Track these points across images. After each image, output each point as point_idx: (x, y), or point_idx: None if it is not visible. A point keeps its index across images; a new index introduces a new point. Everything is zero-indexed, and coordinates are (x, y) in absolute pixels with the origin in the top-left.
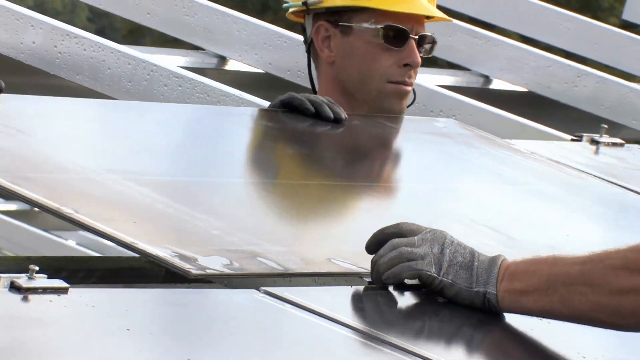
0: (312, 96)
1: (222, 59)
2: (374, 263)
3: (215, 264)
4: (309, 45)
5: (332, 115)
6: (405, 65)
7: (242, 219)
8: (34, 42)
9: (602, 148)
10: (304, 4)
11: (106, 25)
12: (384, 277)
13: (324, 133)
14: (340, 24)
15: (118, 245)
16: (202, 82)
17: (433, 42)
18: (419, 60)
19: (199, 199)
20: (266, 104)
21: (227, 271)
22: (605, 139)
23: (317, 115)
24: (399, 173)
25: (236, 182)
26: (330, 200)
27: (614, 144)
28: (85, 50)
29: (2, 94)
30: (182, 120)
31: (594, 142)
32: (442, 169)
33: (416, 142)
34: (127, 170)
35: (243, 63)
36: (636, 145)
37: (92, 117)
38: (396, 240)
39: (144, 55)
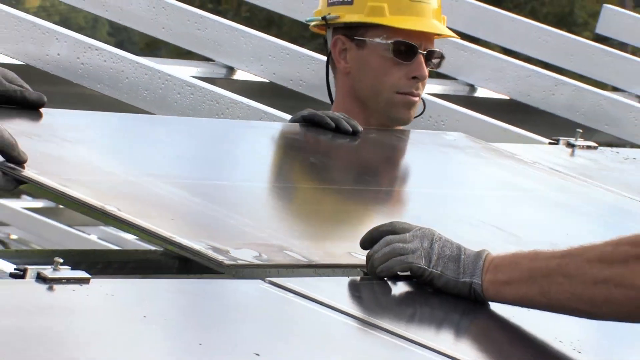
0: (329, 113)
1: (231, 70)
2: (369, 257)
3: (246, 256)
4: (328, 56)
5: (350, 129)
6: (414, 77)
7: (269, 217)
8: (59, 54)
9: (577, 151)
10: (324, 19)
11: (125, 38)
12: (378, 271)
13: (343, 144)
14: (355, 38)
15: (158, 239)
16: (212, 91)
17: (441, 57)
18: (426, 73)
19: (230, 200)
20: (271, 110)
21: (256, 262)
22: (580, 142)
23: (337, 129)
24: (412, 179)
25: (264, 186)
26: (349, 203)
27: (588, 147)
28: (105, 61)
29: (49, 109)
30: (214, 132)
31: (570, 145)
32: (453, 176)
33: (428, 152)
34: (164, 175)
35: (249, 73)
36: (608, 148)
37: (130, 129)
38: (389, 237)
39: (159, 66)
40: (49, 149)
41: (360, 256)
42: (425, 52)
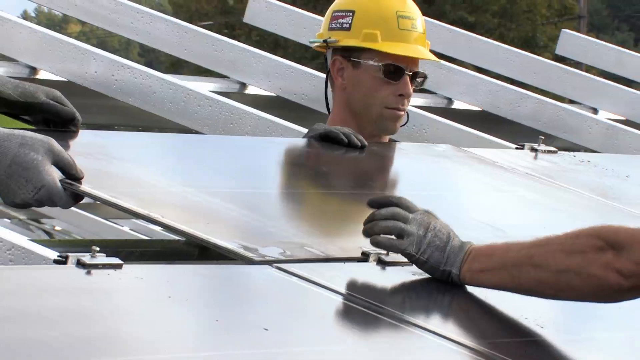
0: (341, 129)
1: (243, 85)
2: (371, 216)
3: (273, 253)
4: (327, 74)
5: (359, 144)
6: (400, 95)
7: (291, 219)
8: (95, 72)
9: (540, 155)
10: (325, 41)
11: (153, 58)
12: (375, 242)
13: (353, 156)
14: (351, 59)
15: (195, 240)
16: (227, 103)
17: (424, 77)
18: (411, 91)
19: (257, 205)
20: (278, 120)
21: (281, 257)
22: (542, 147)
23: (348, 144)
24: (410, 184)
25: (286, 193)
26: (360, 205)
27: (549, 151)
28: (136, 78)
29: (102, 131)
30: (241, 148)
31: (533, 150)
32: (444, 181)
33: (423, 162)
34: (199, 185)
35: (259, 88)
36: (566, 152)
37: (169, 147)
38: (397, 211)
39: (182, 82)
40: (100, 166)
41: (370, 252)
42: (410, 73)
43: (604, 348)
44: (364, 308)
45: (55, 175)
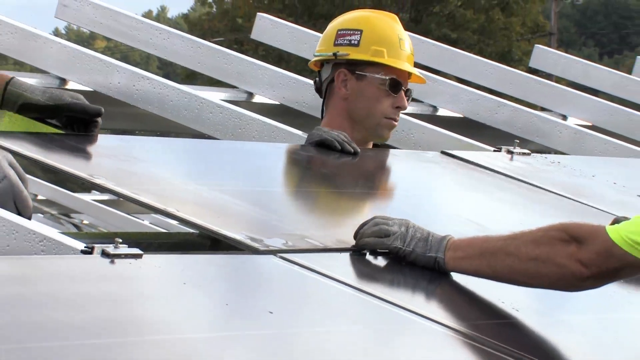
0: (336, 136)
1: (250, 94)
2: (359, 230)
3: (276, 243)
4: (327, 84)
5: (352, 150)
6: (397, 107)
7: (293, 214)
8: (119, 82)
9: (515, 156)
10: (334, 54)
11: (170, 71)
12: (364, 243)
13: (347, 161)
14: (356, 72)
15: (208, 232)
16: (236, 111)
17: (411, 94)
18: (407, 105)
19: (262, 201)
20: (281, 126)
21: (284, 248)
22: (517, 150)
23: (342, 150)
24: (402, 186)
25: (288, 191)
26: (355, 202)
27: (524, 154)
28: (154, 88)
29: (125, 136)
30: (249, 152)
31: (509, 152)
32: (433, 183)
33: (413, 166)
34: (211, 184)
35: (265, 97)
36: (539, 154)
37: (185, 150)
38: (378, 220)
39: (196, 91)
40: (123, 166)
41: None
42: (405, 89)
43: (575, 329)
44: (359, 293)
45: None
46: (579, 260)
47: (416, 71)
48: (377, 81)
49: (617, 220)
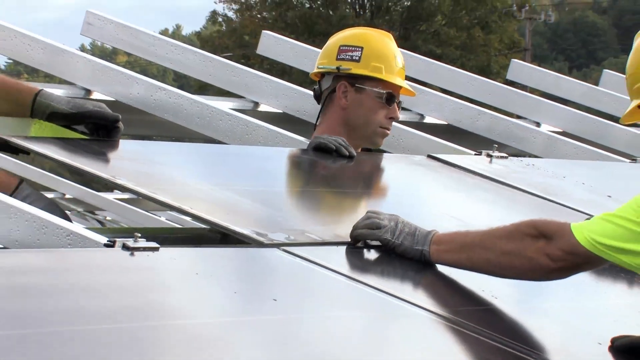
0: (334, 141)
1: (256, 104)
2: (354, 225)
3: (279, 237)
4: (328, 94)
5: (347, 154)
6: (391, 118)
7: (295, 211)
8: (138, 93)
9: (494, 160)
10: (337, 68)
11: (184, 83)
12: (357, 234)
13: (344, 164)
14: (356, 85)
15: (218, 227)
16: (244, 118)
17: (401, 104)
18: (399, 116)
19: (267, 199)
20: (284, 132)
21: (286, 242)
22: (496, 153)
23: (338, 154)
24: (393, 186)
25: (291, 190)
26: (351, 200)
27: (501, 157)
28: (170, 98)
29: (143, 141)
30: (256, 156)
31: (489, 155)
32: (421, 183)
33: (403, 168)
34: (221, 184)
35: (269, 106)
36: (515, 158)
37: (198, 154)
38: (371, 214)
39: (207, 101)
40: (142, 168)
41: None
42: (398, 101)
43: (547, 314)
44: (354, 282)
45: None
46: (546, 254)
47: (407, 85)
48: (375, 94)
49: (588, 219)
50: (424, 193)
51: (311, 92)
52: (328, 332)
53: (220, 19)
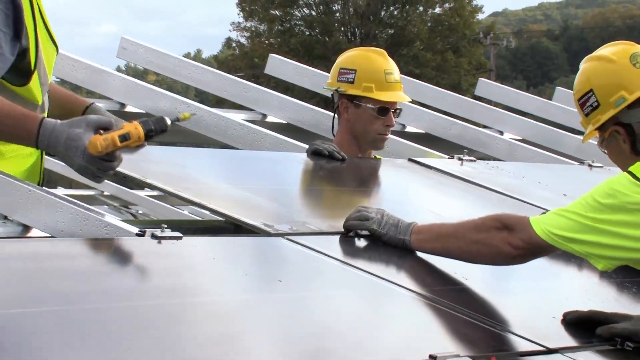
0: (328, 147)
1: (264, 115)
2: (346, 217)
3: (283, 228)
4: (336, 108)
5: (340, 157)
6: (387, 125)
7: (298, 205)
8: (164, 106)
9: (464, 162)
10: (337, 90)
11: (204, 98)
12: (348, 225)
13: (337, 165)
14: (354, 102)
15: (232, 221)
16: (254, 128)
17: (400, 111)
18: (394, 123)
19: (274, 196)
20: (287, 139)
21: (290, 231)
22: (466, 157)
23: (332, 157)
24: (380, 184)
25: (294, 188)
26: (344, 197)
27: (471, 160)
28: (191, 110)
29: (168, 147)
30: (263, 160)
31: (460, 159)
32: (402, 183)
33: (388, 170)
34: (235, 183)
35: (275, 117)
36: (482, 161)
37: (216, 158)
38: (361, 208)
39: (223, 113)
40: (168, 170)
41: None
42: (393, 110)
43: (510, 293)
44: (346, 266)
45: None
46: (509, 243)
47: (399, 95)
48: (369, 109)
49: (544, 213)
50: (405, 191)
51: (310, 106)
52: (325, 307)
53: (234, 45)
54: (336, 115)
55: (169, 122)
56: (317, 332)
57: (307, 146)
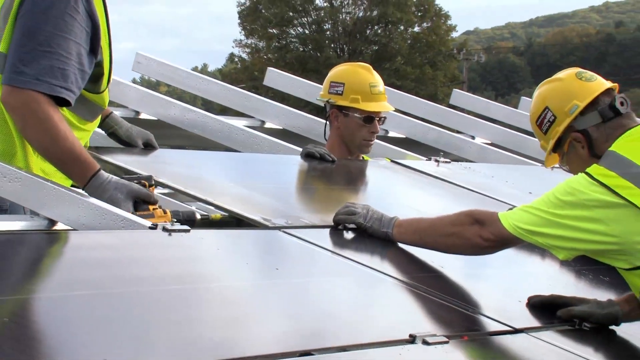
0: (319, 150)
1: (263, 122)
2: (336, 212)
3: (280, 221)
4: (328, 116)
5: (330, 159)
6: (372, 132)
7: (293, 201)
8: (174, 114)
9: (440, 164)
10: (328, 101)
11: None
12: (337, 219)
13: (328, 166)
14: (343, 111)
15: (235, 216)
16: (254, 133)
17: (385, 119)
18: (379, 130)
19: (272, 193)
20: (284, 143)
21: (285, 225)
22: (442, 159)
23: (323, 159)
24: (366, 183)
25: (290, 187)
26: (334, 194)
27: (446, 162)
28: (199, 117)
29: (178, 150)
30: (262, 162)
31: (436, 161)
32: (385, 181)
33: (372, 170)
34: (237, 181)
35: (273, 124)
36: (456, 162)
37: (221, 160)
38: (349, 204)
39: (227, 120)
40: (177, 170)
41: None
42: (378, 118)
43: (481, 279)
44: (336, 256)
45: (131, 208)
46: (480, 236)
47: (384, 105)
48: (356, 118)
49: (511, 209)
50: (388, 188)
51: (304, 114)
52: (317, 292)
53: (236, 59)
54: (327, 123)
55: (198, 216)
56: (310, 313)
57: (301, 149)
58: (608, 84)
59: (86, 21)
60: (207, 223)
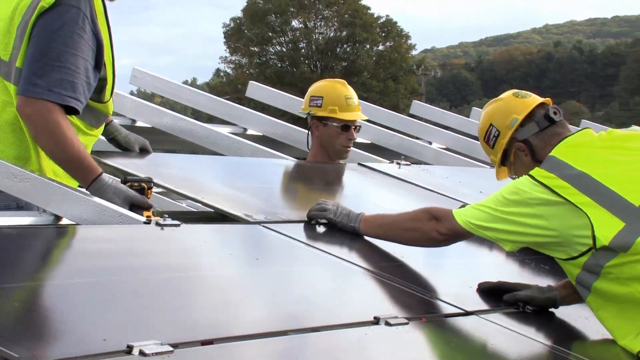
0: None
1: (245, 129)
2: (309, 209)
3: (260, 217)
4: (309, 127)
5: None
6: (349, 139)
7: (274, 199)
8: (167, 122)
9: (402, 166)
10: (309, 113)
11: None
12: (310, 215)
13: (304, 169)
14: (322, 122)
15: (220, 212)
16: (237, 139)
17: (360, 127)
18: (355, 137)
19: (256, 192)
20: (264, 148)
21: (265, 220)
22: (403, 162)
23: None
24: (337, 184)
25: (273, 187)
26: (309, 193)
27: (407, 164)
28: (188, 125)
29: (170, 154)
30: (248, 165)
31: (398, 163)
32: (355, 182)
33: (343, 172)
34: (222, 182)
35: (254, 131)
36: (416, 165)
37: (206, 162)
38: (321, 202)
39: (213, 127)
40: (169, 172)
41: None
42: (354, 126)
43: (439, 267)
44: (310, 247)
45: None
46: (436, 230)
47: (358, 114)
48: (334, 127)
49: (463, 206)
50: (356, 188)
51: (283, 122)
52: (293, 280)
53: (222, 74)
54: (309, 133)
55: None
56: (287, 298)
57: (280, 154)
58: (541, 99)
59: (92, 40)
60: (196, 218)
